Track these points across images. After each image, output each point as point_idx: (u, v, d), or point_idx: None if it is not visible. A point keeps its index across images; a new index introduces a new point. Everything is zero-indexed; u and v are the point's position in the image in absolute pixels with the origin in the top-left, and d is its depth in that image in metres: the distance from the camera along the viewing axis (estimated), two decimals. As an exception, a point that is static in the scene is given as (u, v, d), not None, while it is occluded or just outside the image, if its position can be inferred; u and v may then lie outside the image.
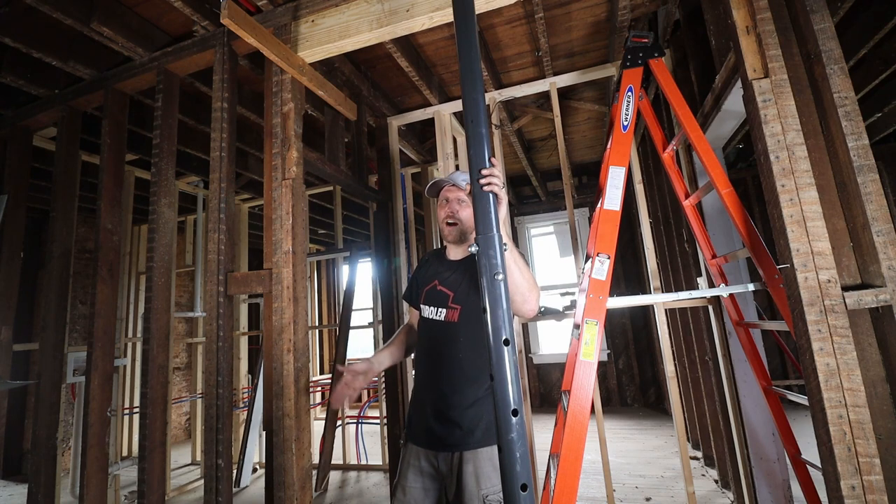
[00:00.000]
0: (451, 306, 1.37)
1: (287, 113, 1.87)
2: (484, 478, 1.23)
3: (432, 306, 1.42)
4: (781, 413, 1.75)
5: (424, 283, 1.48)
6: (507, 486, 0.82)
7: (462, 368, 1.30)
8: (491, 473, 1.24)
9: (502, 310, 0.91)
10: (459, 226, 1.41)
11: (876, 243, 1.21)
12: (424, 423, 1.32)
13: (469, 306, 1.35)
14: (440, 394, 1.30)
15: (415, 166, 3.78)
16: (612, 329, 5.20)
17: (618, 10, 2.12)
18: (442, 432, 1.28)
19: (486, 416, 1.28)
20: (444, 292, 1.41)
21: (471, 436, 1.26)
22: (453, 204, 1.42)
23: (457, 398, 1.28)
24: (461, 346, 1.33)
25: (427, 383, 1.36)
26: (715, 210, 2.22)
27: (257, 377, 3.55)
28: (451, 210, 1.41)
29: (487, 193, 1.02)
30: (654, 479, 2.95)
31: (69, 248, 2.37)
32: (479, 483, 1.23)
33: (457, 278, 1.41)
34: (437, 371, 1.34)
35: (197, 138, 3.16)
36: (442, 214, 1.43)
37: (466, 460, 1.25)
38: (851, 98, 1.27)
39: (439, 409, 1.29)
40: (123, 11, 1.99)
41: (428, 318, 1.42)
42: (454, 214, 1.41)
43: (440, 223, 1.45)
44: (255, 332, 3.92)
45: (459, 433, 1.26)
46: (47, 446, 2.19)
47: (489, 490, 1.22)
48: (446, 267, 1.46)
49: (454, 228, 1.41)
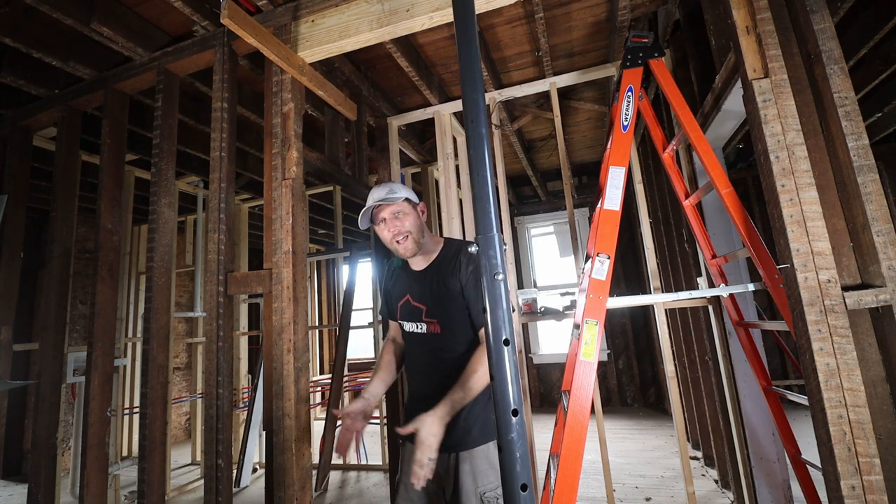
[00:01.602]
0: (427, 320, 1.35)
1: (287, 113, 1.87)
2: (481, 476, 1.23)
3: (411, 322, 1.40)
4: (781, 413, 1.75)
5: (398, 299, 1.44)
6: (507, 486, 0.82)
7: (452, 376, 1.26)
8: (487, 471, 1.23)
9: (502, 310, 0.91)
10: (411, 237, 1.34)
11: (876, 243, 1.21)
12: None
13: (443, 316, 1.33)
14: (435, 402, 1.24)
15: (415, 166, 3.78)
16: (612, 329, 5.20)
17: (618, 10, 2.12)
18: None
19: (482, 415, 1.28)
20: (417, 307, 1.37)
21: (467, 436, 1.26)
22: (392, 221, 1.34)
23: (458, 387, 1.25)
24: (449, 353, 1.31)
25: (422, 393, 1.34)
26: (715, 210, 2.22)
27: (257, 377, 3.55)
28: (394, 227, 1.33)
29: (487, 192, 1.02)
30: (654, 479, 2.95)
31: (69, 248, 2.37)
32: (476, 481, 1.23)
33: (424, 290, 1.37)
34: (430, 380, 1.33)
35: (197, 138, 3.16)
36: (388, 235, 1.34)
37: (463, 460, 1.25)
38: (851, 98, 1.27)
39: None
40: (123, 11, 1.99)
41: (410, 331, 1.40)
42: (400, 229, 1.33)
43: (390, 244, 1.36)
44: (255, 332, 3.92)
45: (456, 435, 1.24)
46: (47, 446, 2.19)
47: (486, 487, 1.22)
48: (414, 279, 1.41)
49: (407, 241, 1.34)
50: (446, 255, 1.38)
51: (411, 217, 1.36)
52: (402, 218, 1.34)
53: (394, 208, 1.35)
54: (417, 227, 1.36)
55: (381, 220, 1.36)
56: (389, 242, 1.36)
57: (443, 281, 1.34)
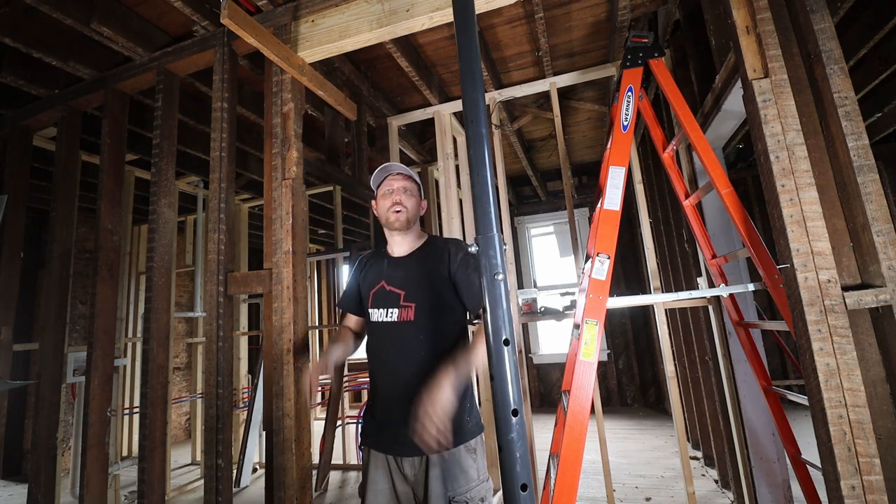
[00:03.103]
0: (404, 305, 1.32)
1: (287, 113, 1.87)
2: (451, 480, 1.20)
3: (382, 308, 1.35)
4: (781, 413, 1.75)
5: (370, 287, 1.41)
6: (507, 485, 0.82)
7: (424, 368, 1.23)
8: (458, 475, 1.20)
9: (502, 310, 0.91)
10: (406, 213, 1.37)
11: (876, 243, 1.21)
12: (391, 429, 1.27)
13: (424, 301, 1.31)
14: (407, 398, 1.19)
15: (415, 166, 3.77)
16: (612, 329, 5.20)
17: (618, 10, 2.12)
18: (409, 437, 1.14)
19: (457, 414, 1.20)
20: (393, 292, 1.35)
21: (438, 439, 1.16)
22: (399, 192, 1.38)
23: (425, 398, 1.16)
24: (422, 343, 1.28)
25: (390, 389, 1.30)
26: (715, 210, 2.22)
27: (257, 377, 3.55)
28: (398, 197, 1.37)
29: (487, 192, 1.02)
30: (654, 479, 2.95)
31: (69, 248, 2.37)
32: (446, 485, 1.20)
33: (406, 275, 1.36)
34: (400, 374, 1.28)
35: (197, 138, 3.16)
36: (387, 203, 1.38)
37: (433, 464, 1.22)
38: (851, 98, 1.27)
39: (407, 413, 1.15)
40: (123, 11, 1.99)
41: (378, 321, 1.36)
42: (402, 202, 1.37)
43: (385, 213, 1.38)
44: (255, 332, 3.92)
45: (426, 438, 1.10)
46: (47, 446, 2.19)
47: (455, 492, 1.19)
48: (392, 265, 1.40)
49: (402, 215, 1.36)
50: (433, 246, 1.41)
51: (414, 199, 1.41)
52: (408, 196, 1.39)
53: (406, 184, 1.41)
54: (415, 210, 1.41)
55: (388, 188, 1.40)
56: (387, 210, 1.38)
57: (429, 266, 1.35)
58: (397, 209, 1.37)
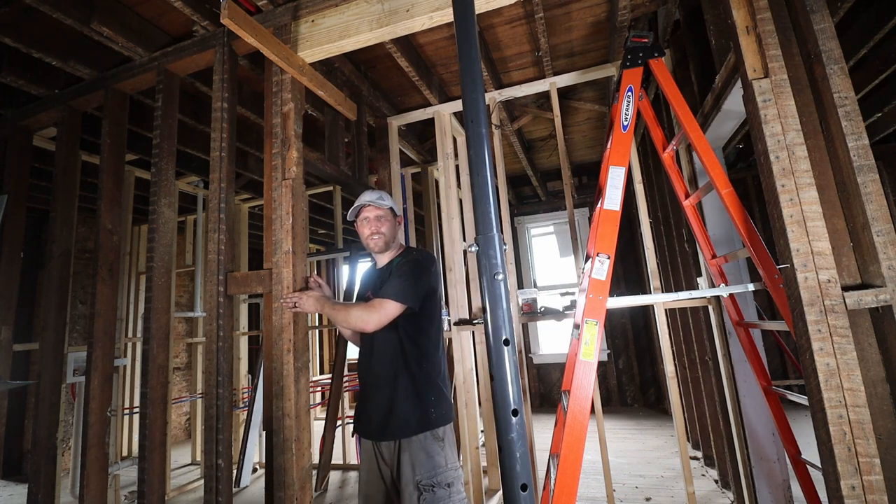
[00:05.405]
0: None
1: (287, 113, 1.87)
2: (418, 465, 1.38)
3: None
4: (781, 413, 1.75)
5: (363, 294, 1.70)
6: (507, 485, 0.82)
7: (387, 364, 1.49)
8: (424, 461, 1.39)
9: (502, 310, 0.91)
10: (383, 238, 1.64)
11: (876, 243, 1.21)
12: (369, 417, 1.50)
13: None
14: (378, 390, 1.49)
15: (415, 166, 3.78)
16: (612, 329, 5.20)
17: (618, 10, 2.12)
18: (382, 424, 1.45)
19: (420, 406, 1.44)
20: (370, 298, 1.58)
21: (406, 425, 1.42)
22: (373, 222, 1.64)
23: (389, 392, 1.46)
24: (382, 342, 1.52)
25: (368, 382, 1.54)
26: (715, 210, 2.21)
27: (257, 377, 3.55)
28: (374, 226, 1.64)
29: (487, 192, 1.02)
30: (654, 479, 2.95)
31: (69, 248, 2.37)
32: (414, 470, 1.38)
33: (379, 283, 1.60)
34: (372, 369, 1.53)
35: (197, 138, 3.16)
36: (366, 231, 1.64)
37: (403, 449, 1.42)
38: (851, 98, 1.27)
39: (379, 403, 1.47)
40: (123, 11, 1.99)
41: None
42: (378, 230, 1.63)
43: (365, 239, 1.66)
44: (255, 332, 3.92)
45: (395, 424, 1.42)
46: (47, 446, 2.19)
47: (422, 476, 1.37)
48: (376, 276, 1.68)
49: (379, 239, 1.63)
50: (399, 257, 1.65)
51: (389, 223, 1.66)
52: (382, 222, 1.65)
53: (378, 212, 1.65)
54: (391, 232, 1.67)
55: (364, 218, 1.67)
56: (366, 238, 1.66)
57: (388, 273, 1.59)
58: (375, 236, 1.64)
